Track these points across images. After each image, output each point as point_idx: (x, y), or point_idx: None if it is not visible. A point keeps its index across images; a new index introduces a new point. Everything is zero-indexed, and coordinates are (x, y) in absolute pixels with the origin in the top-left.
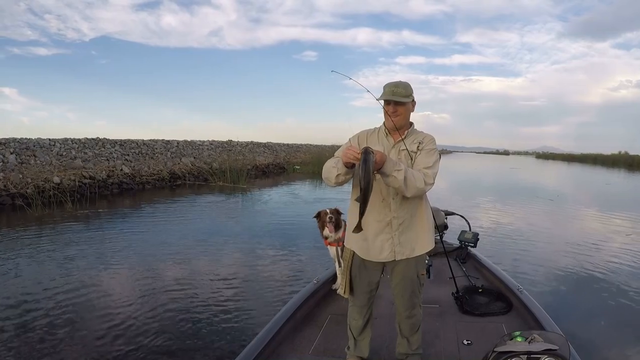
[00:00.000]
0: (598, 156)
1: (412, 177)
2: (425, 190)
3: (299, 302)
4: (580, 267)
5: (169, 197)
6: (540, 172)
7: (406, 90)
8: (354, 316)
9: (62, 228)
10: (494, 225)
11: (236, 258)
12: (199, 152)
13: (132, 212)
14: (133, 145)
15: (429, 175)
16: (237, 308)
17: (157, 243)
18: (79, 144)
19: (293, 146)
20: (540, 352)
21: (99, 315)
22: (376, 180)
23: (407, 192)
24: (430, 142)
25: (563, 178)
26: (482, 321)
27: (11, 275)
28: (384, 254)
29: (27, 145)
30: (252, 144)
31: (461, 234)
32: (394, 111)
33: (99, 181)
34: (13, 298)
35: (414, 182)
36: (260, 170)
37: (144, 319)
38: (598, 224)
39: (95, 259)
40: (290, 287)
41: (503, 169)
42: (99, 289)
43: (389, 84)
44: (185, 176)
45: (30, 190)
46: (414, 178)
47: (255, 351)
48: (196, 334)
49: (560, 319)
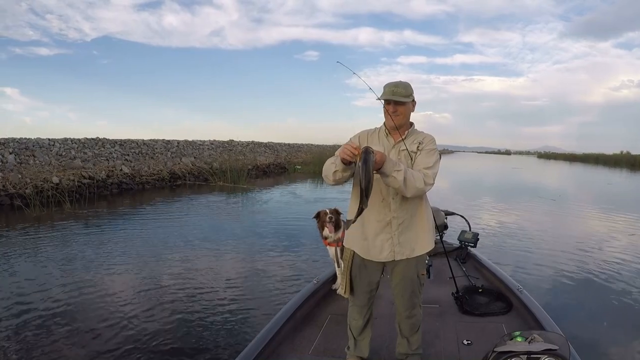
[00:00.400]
0: (600, 156)
1: (411, 178)
2: (425, 191)
3: (299, 302)
4: (581, 267)
5: (169, 197)
6: (542, 172)
7: (406, 90)
8: (354, 316)
9: (60, 228)
10: (495, 225)
11: (236, 258)
12: (200, 152)
13: (131, 212)
14: (133, 145)
15: (428, 176)
16: (237, 308)
17: (156, 243)
18: (79, 144)
19: (294, 146)
20: (540, 352)
21: (97, 315)
22: (376, 180)
23: (407, 192)
24: (431, 142)
25: (565, 178)
26: (482, 321)
27: (7, 275)
28: (384, 253)
29: (27, 145)
30: (253, 144)
31: (461, 234)
32: (394, 111)
33: (99, 181)
34: (11, 299)
35: (413, 182)
36: (261, 170)
37: (143, 318)
38: (599, 224)
39: (93, 259)
40: (290, 287)
41: (505, 169)
42: (97, 288)
43: (389, 84)
44: (186, 176)
45: (29, 190)
46: (414, 178)
47: (255, 351)
48: (196, 334)
49: (560, 319)
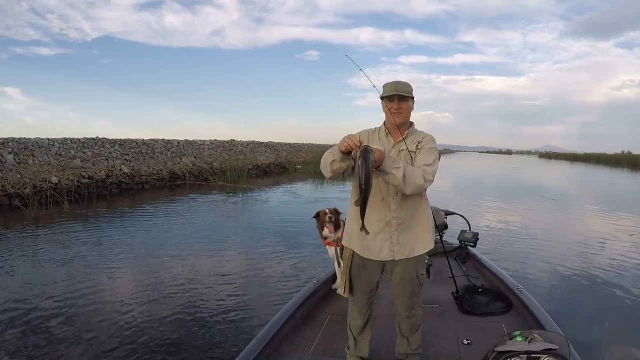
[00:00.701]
0: (601, 156)
1: (411, 174)
2: (425, 187)
3: (299, 302)
4: (581, 267)
5: (169, 197)
6: (543, 172)
7: (407, 88)
8: (354, 316)
9: (58, 228)
10: (495, 225)
11: (235, 258)
12: (200, 152)
13: (130, 212)
14: (133, 145)
15: (428, 172)
16: (237, 308)
17: (155, 243)
18: (79, 144)
19: (295, 146)
20: (540, 352)
21: (96, 315)
22: (376, 178)
23: (407, 189)
24: (430, 141)
25: (566, 178)
26: (482, 321)
27: (6, 276)
28: (384, 253)
29: (26, 145)
30: (254, 144)
31: (461, 233)
32: (399, 107)
33: (98, 181)
34: (9, 299)
35: (413, 178)
36: (262, 170)
37: (142, 318)
38: (600, 224)
39: (90, 260)
40: (291, 287)
41: (506, 168)
42: (96, 289)
43: (390, 83)
44: (186, 176)
45: (29, 190)
46: (413, 175)
47: (255, 351)
48: (196, 334)
49: (560, 319)
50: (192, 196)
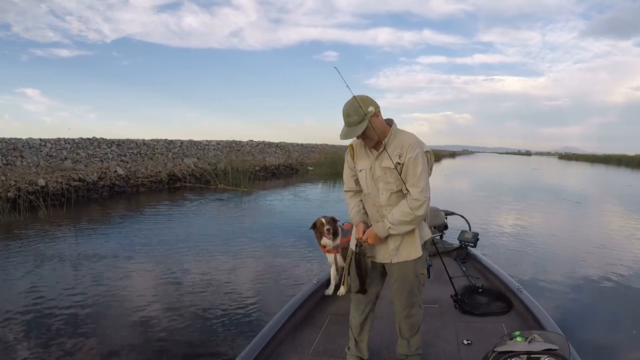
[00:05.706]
0: (622, 157)
1: (402, 217)
2: (424, 207)
3: (299, 302)
4: (581, 267)
5: (163, 201)
6: (562, 173)
7: (357, 112)
8: (355, 316)
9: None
10: (495, 225)
11: (235, 259)
12: (204, 152)
13: (117, 217)
14: (132, 146)
15: (415, 194)
16: (237, 308)
17: (150, 244)
18: (72, 144)
19: (307, 146)
20: (540, 352)
21: (94, 315)
22: (369, 194)
23: (415, 224)
24: (411, 148)
25: (588, 180)
26: (482, 321)
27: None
28: (380, 255)
29: (15, 146)
30: (263, 144)
31: (461, 234)
32: (363, 138)
33: (89, 184)
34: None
35: (405, 219)
36: (270, 171)
37: (141, 318)
38: (602, 224)
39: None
40: (291, 287)
41: (524, 170)
42: (54, 302)
43: (343, 112)
44: (186, 178)
45: (12, 193)
46: (404, 214)
47: (256, 351)
48: (196, 334)
49: (560, 319)
50: (188, 199)
